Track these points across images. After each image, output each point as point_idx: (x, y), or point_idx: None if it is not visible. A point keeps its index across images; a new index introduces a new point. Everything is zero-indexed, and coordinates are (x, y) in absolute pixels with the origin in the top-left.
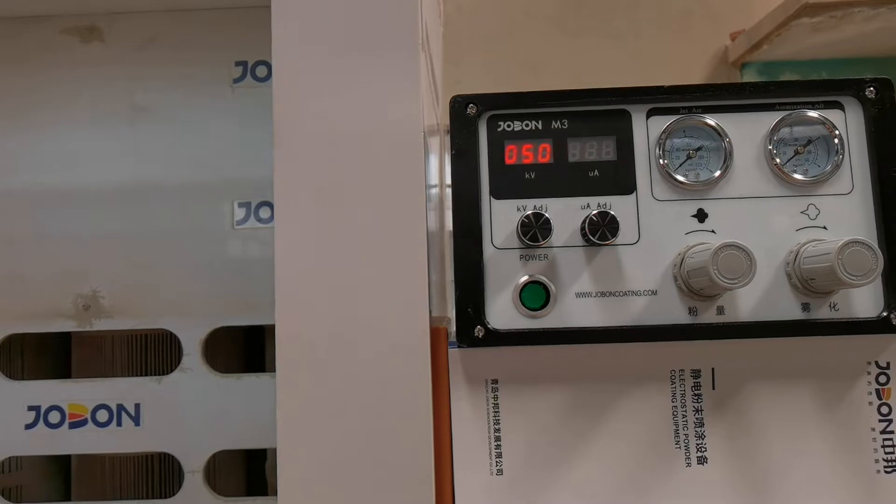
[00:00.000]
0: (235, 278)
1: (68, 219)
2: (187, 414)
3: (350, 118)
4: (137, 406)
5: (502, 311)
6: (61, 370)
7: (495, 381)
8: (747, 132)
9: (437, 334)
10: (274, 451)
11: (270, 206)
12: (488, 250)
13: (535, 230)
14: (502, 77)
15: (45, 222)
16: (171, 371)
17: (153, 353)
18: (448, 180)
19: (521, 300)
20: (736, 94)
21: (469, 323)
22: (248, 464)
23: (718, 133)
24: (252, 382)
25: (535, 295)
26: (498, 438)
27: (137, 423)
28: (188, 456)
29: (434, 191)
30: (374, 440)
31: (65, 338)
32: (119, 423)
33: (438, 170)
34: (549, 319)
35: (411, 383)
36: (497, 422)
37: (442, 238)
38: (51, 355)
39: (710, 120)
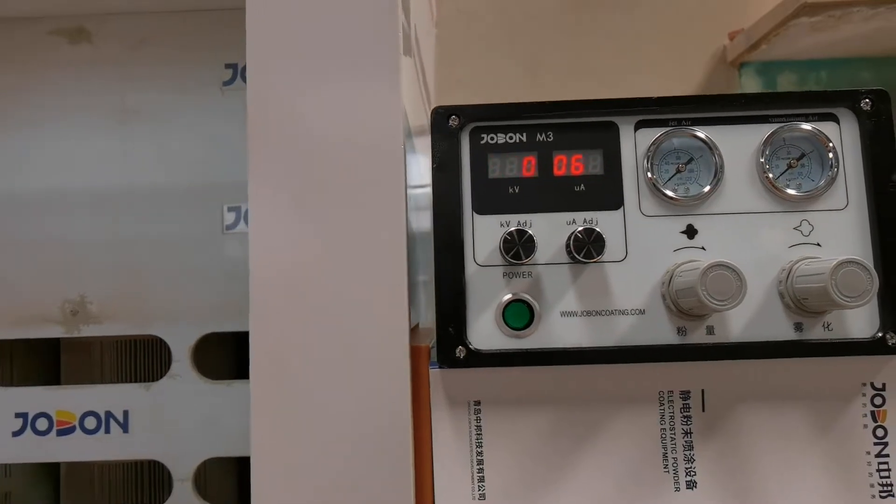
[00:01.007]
0: (225, 283)
1: (55, 222)
2: (176, 421)
3: (327, 122)
4: (126, 413)
5: (485, 331)
6: (50, 376)
7: (478, 403)
8: (739, 145)
9: (417, 353)
10: None
11: None
12: (470, 267)
13: (517, 247)
14: (503, 77)
15: (31, 225)
16: (161, 378)
17: (142, 359)
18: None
19: (504, 319)
20: (727, 106)
21: (450, 343)
22: (240, 471)
23: (709, 146)
24: (243, 389)
25: (519, 314)
26: (480, 462)
27: (126, 431)
28: (177, 463)
29: (422, 191)
30: (352, 463)
31: (53, 343)
32: (107, 431)
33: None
34: (534, 339)
35: (390, 404)
36: (479, 444)
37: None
38: (39, 361)
39: (701, 132)
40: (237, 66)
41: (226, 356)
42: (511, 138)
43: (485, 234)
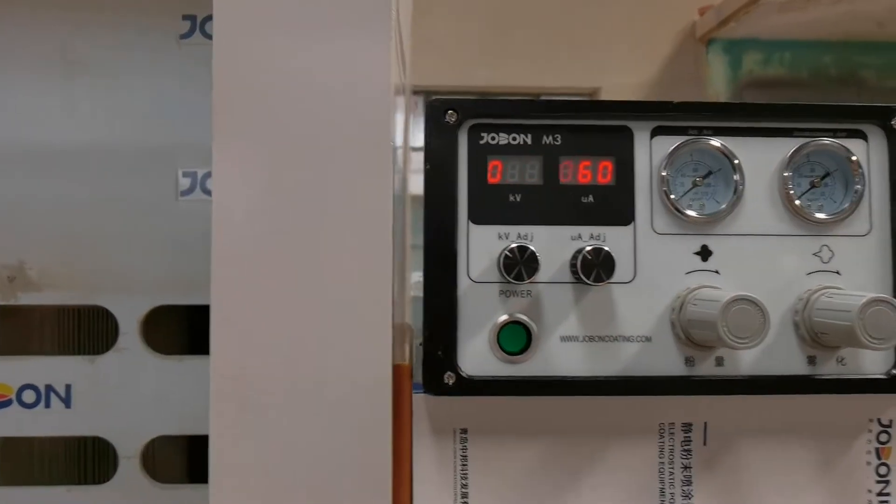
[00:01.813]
0: (178, 254)
1: None
2: (123, 396)
3: (305, 73)
4: (68, 387)
5: (477, 355)
6: None
7: (464, 431)
8: (760, 160)
9: (399, 373)
10: None
11: None
12: (463, 283)
13: (520, 267)
14: (469, 36)
15: None
16: (106, 351)
17: (86, 330)
18: (410, 185)
19: (498, 343)
20: (751, 116)
21: (438, 368)
22: (190, 449)
23: (729, 159)
24: (195, 364)
25: (515, 337)
26: (465, 495)
27: (68, 406)
28: (123, 441)
29: (398, 152)
30: (324, 495)
31: None
32: (48, 405)
33: (404, 131)
34: (530, 366)
35: (368, 430)
36: (465, 476)
37: (405, 203)
38: None
39: (721, 144)
40: (196, 18)
41: (177, 330)
42: (514, 139)
43: (481, 246)
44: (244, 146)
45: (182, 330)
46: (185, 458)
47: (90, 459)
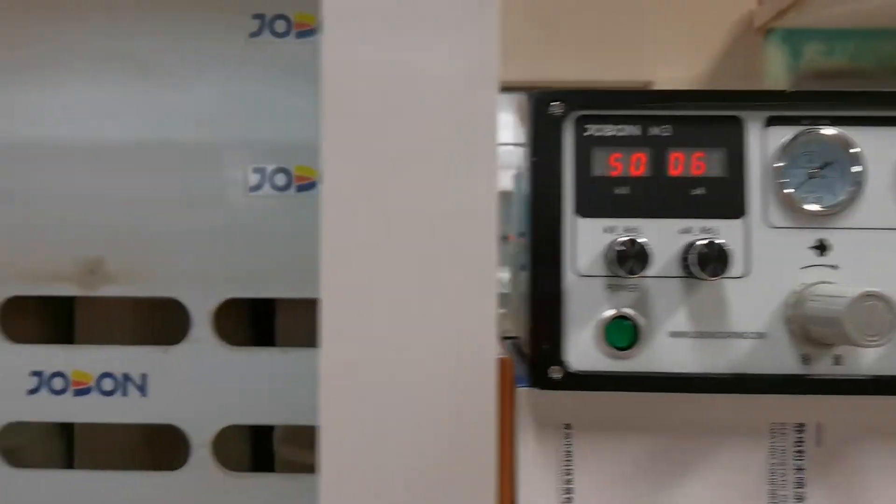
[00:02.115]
0: (247, 248)
1: (74, 177)
2: (196, 386)
3: (414, 66)
4: (144, 376)
5: (583, 350)
6: (63, 334)
7: (569, 427)
8: (881, 150)
9: (502, 367)
10: (283, 425)
11: (287, 172)
12: (569, 278)
13: (632, 260)
14: (515, 28)
15: (50, 179)
16: (180, 341)
17: (160, 321)
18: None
19: (605, 337)
20: (871, 104)
21: (545, 363)
22: (254, 439)
23: (847, 149)
24: (262, 356)
25: (623, 332)
26: (569, 491)
27: (144, 394)
28: (196, 429)
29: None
30: (430, 489)
31: (68, 301)
32: (125, 393)
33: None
34: (638, 362)
35: (473, 424)
36: (569, 472)
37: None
38: (53, 318)
39: (839, 133)
40: (265, 16)
41: (243, 323)
42: (621, 130)
43: (587, 239)
44: (354, 142)
45: (246, 323)
46: (249, 447)
47: (162, 447)
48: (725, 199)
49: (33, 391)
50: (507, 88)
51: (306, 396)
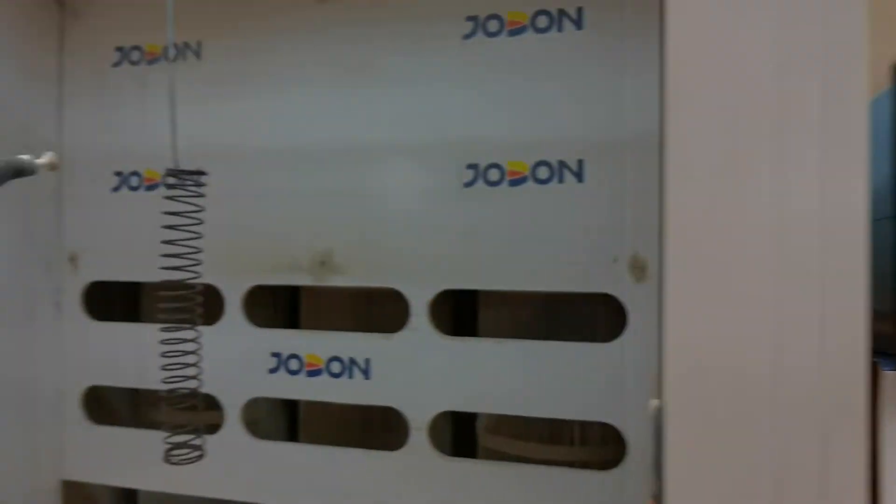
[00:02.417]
0: (463, 241)
1: (307, 177)
2: (414, 372)
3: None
4: (368, 361)
5: None
6: (289, 320)
7: None
8: None
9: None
10: (485, 414)
11: (500, 168)
12: None
13: None
14: None
15: (288, 179)
16: (399, 329)
17: (378, 310)
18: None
19: None
20: None
21: None
22: (455, 423)
23: None
24: (477, 346)
25: None
26: None
27: (367, 377)
28: (415, 413)
29: None
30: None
31: (293, 289)
32: (350, 376)
33: None
34: None
35: (839, 421)
36: None
37: None
38: (280, 306)
39: None
40: (478, 18)
41: (449, 313)
42: None
43: None
44: (699, 134)
45: (455, 312)
46: (451, 429)
47: (379, 427)
48: None
49: (273, 370)
50: None
51: (521, 387)
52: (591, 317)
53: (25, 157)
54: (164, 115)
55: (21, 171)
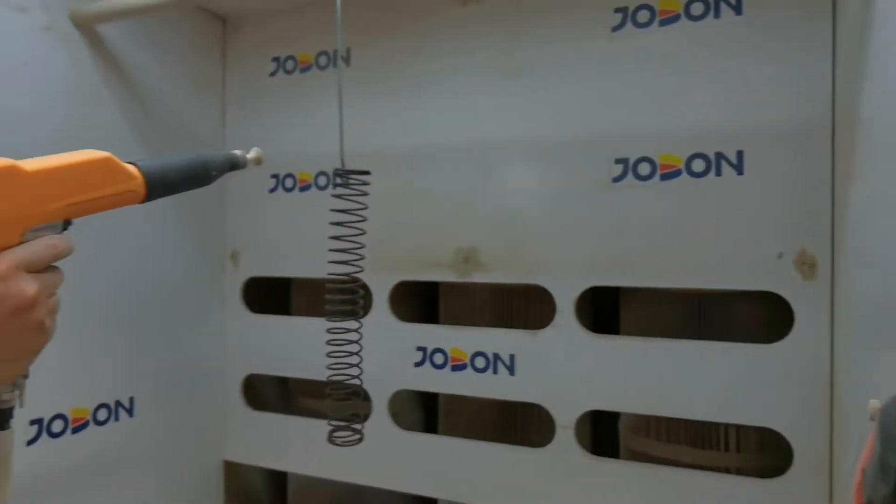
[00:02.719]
0: (611, 237)
1: (454, 175)
2: (560, 369)
3: None
4: (512, 357)
5: None
6: (428, 315)
7: None
8: None
9: None
10: (630, 414)
11: (651, 161)
12: None
13: None
14: None
15: (431, 178)
16: (543, 326)
17: (518, 306)
18: None
19: None
20: None
21: None
22: (596, 424)
23: None
24: (623, 344)
25: None
26: None
27: (512, 373)
28: (560, 410)
29: None
30: None
31: (432, 286)
32: (495, 371)
33: None
34: None
35: None
36: None
37: None
38: (420, 301)
39: None
40: (627, 9)
41: (593, 310)
42: None
43: None
44: None
45: (601, 309)
46: (591, 432)
47: (519, 424)
48: None
49: (418, 364)
50: None
51: (672, 388)
52: (743, 315)
53: (238, 152)
54: (316, 119)
55: (236, 165)
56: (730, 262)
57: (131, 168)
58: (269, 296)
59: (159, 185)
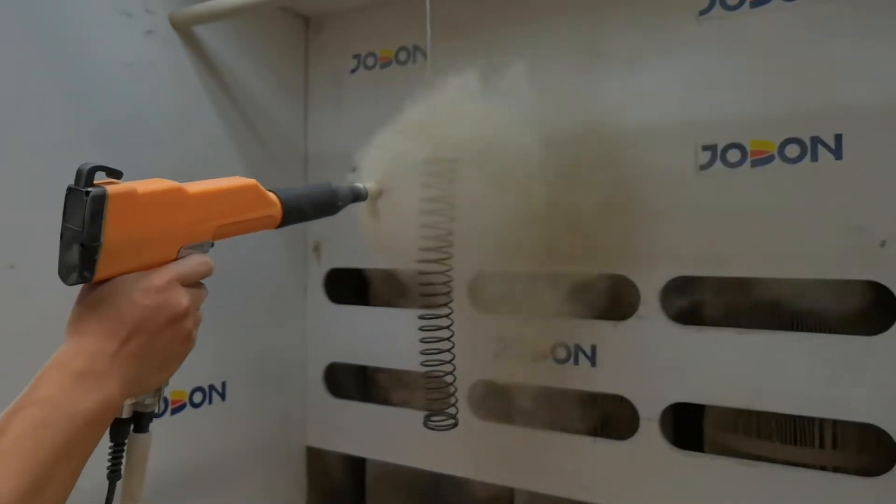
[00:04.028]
0: (698, 226)
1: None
2: (644, 361)
3: None
4: (594, 348)
5: None
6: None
7: None
8: None
9: None
10: (717, 409)
11: (741, 148)
12: None
13: None
14: None
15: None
16: (628, 317)
17: (595, 295)
18: None
19: None
20: None
21: None
22: (678, 413)
23: None
24: (711, 336)
25: None
26: None
27: (593, 364)
28: (644, 402)
29: None
30: None
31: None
32: (576, 362)
33: None
34: None
35: None
36: None
37: None
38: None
39: None
40: None
41: (690, 300)
42: None
43: None
44: None
45: (692, 301)
46: (673, 426)
47: (598, 416)
48: None
49: (497, 355)
50: None
51: (764, 381)
52: (840, 307)
53: (360, 184)
54: (396, 114)
55: (358, 196)
56: (827, 251)
57: (272, 195)
58: (350, 287)
59: (294, 213)
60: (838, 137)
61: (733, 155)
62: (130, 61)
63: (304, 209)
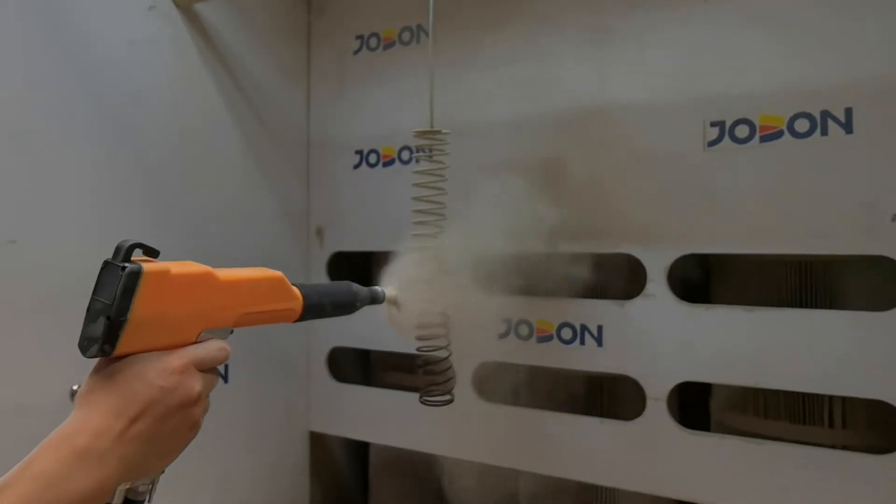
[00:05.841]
0: (706, 204)
1: (537, 144)
2: (651, 340)
3: None
4: (600, 328)
5: None
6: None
7: None
8: None
9: None
10: (724, 388)
11: (749, 123)
12: None
13: None
14: None
15: (519, 148)
16: (634, 296)
17: (604, 275)
18: None
19: None
20: None
21: None
22: (682, 398)
23: None
24: (720, 313)
25: None
26: None
27: (600, 344)
28: (652, 382)
29: None
30: None
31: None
32: (582, 342)
33: None
34: None
35: None
36: None
37: None
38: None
39: None
40: None
41: (700, 278)
42: None
43: None
44: None
45: (702, 278)
46: (678, 406)
47: (606, 396)
48: None
49: (503, 335)
50: None
51: (773, 358)
52: (850, 283)
53: (378, 288)
54: (399, 95)
55: (375, 300)
56: (838, 227)
57: (295, 290)
58: (353, 271)
59: (314, 309)
60: (848, 111)
61: (742, 131)
62: (132, 39)
63: (324, 306)
